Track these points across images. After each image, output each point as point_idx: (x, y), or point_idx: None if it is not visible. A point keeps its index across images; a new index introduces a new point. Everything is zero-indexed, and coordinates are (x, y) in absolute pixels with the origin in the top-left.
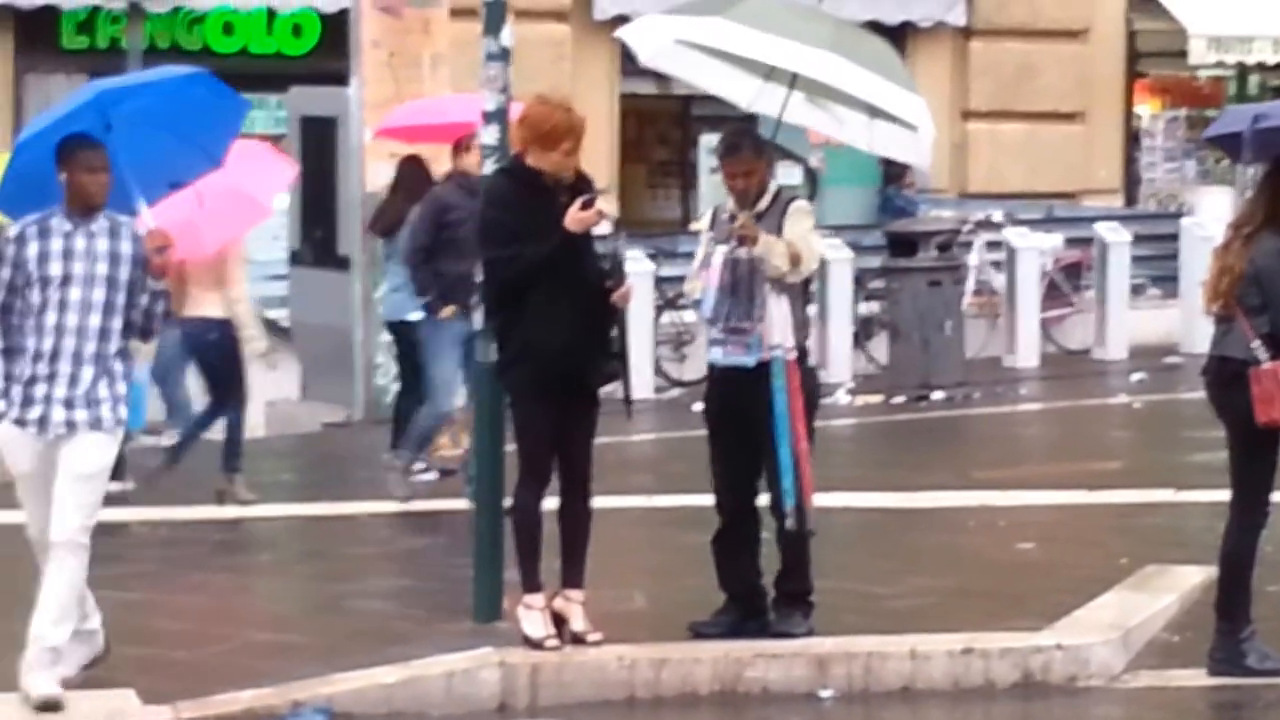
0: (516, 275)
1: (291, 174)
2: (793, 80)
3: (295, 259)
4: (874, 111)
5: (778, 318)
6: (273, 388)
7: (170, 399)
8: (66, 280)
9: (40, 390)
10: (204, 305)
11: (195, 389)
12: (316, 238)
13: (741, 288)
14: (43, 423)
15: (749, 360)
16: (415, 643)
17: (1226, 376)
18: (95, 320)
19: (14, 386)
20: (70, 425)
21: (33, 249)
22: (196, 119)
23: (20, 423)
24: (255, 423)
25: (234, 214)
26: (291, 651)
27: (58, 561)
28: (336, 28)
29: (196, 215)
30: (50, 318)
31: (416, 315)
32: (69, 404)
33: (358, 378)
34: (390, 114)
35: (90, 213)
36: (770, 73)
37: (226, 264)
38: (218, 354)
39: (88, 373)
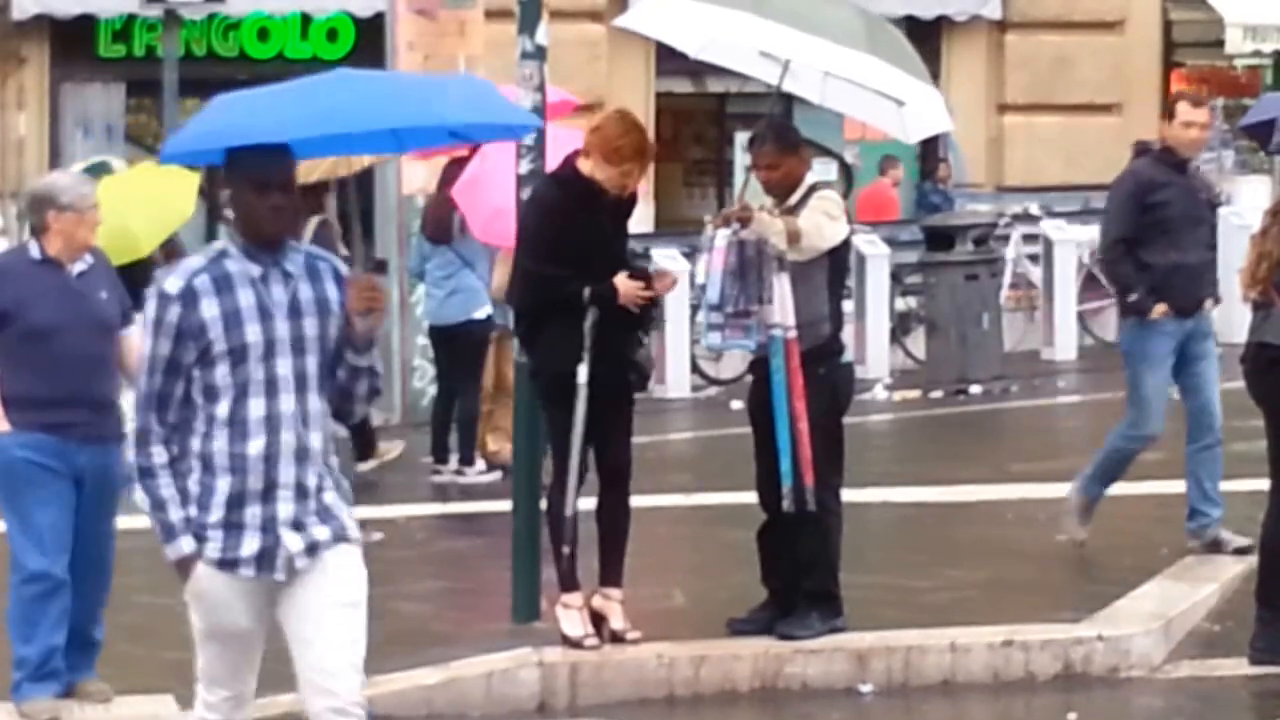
0: (549, 298)
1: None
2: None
3: None
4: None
5: (779, 298)
6: None
7: None
8: (271, 350)
9: (254, 514)
10: None
11: None
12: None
13: (750, 271)
14: (266, 559)
15: (749, 343)
16: (454, 644)
17: (1264, 363)
18: (314, 402)
19: (205, 514)
20: (311, 550)
21: (211, 308)
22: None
23: (229, 564)
24: None
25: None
26: None
27: None
28: (371, 31)
29: (478, 170)
30: (255, 407)
31: (485, 312)
32: (299, 524)
33: (395, 381)
34: None
35: (276, 246)
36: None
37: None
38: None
39: (314, 477)
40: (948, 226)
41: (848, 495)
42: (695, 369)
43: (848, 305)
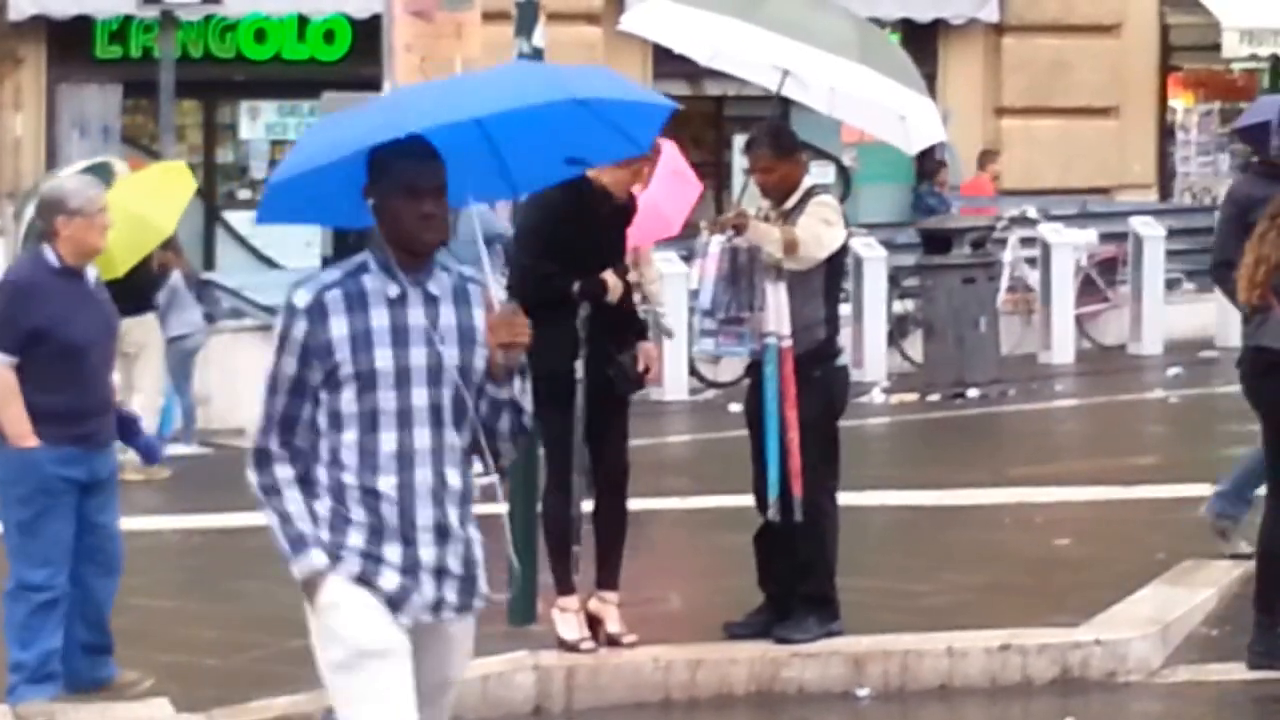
0: (545, 295)
1: (697, 194)
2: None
3: (328, 265)
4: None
5: (772, 305)
6: None
7: (185, 407)
8: (404, 378)
9: (395, 553)
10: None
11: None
12: (350, 243)
13: (742, 277)
14: (400, 599)
15: (742, 350)
16: None
17: (1262, 367)
18: (453, 437)
19: (341, 537)
20: (437, 609)
21: (340, 327)
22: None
23: (366, 582)
24: None
25: (645, 225)
26: None
27: None
28: (368, 33)
29: (655, 198)
30: (387, 440)
31: None
32: (441, 570)
33: None
34: None
35: (422, 261)
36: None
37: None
38: None
39: (455, 518)
40: (945, 229)
41: (845, 498)
42: (693, 372)
43: (845, 308)
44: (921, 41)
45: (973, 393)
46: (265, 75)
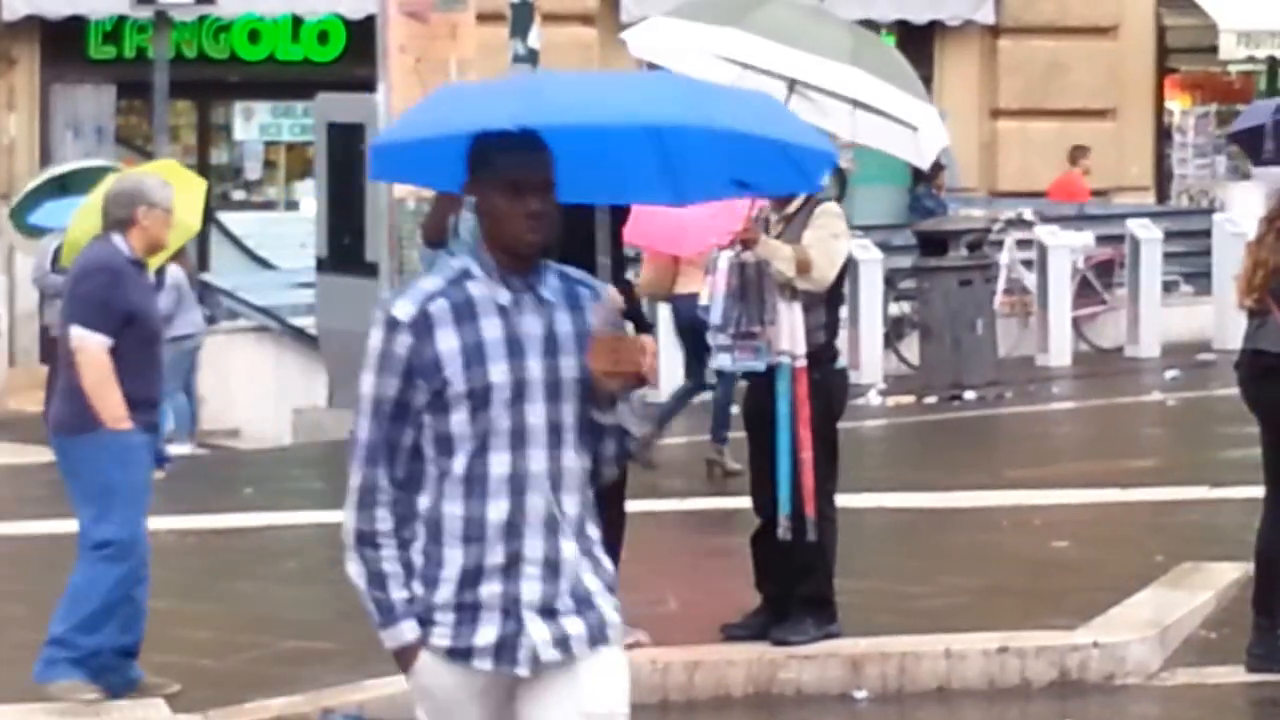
0: None
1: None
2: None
3: (322, 266)
4: (858, 103)
5: (786, 324)
6: (300, 395)
7: (185, 407)
8: (520, 393)
9: (493, 593)
10: (694, 282)
11: None
12: (344, 244)
13: (750, 292)
14: (506, 649)
15: (759, 364)
16: None
17: (1260, 370)
18: (571, 459)
19: (432, 591)
20: (562, 646)
21: (448, 340)
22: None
23: (461, 654)
24: (282, 430)
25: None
26: (322, 659)
27: None
28: (362, 34)
29: (684, 214)
30: (497, 463)
31: None
32: (549, 611)
33: None
34: None
35: (528, 265)
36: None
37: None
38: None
39: (570, 550)
40: (941, 231)
41: (842, 501)
42: None
43: (841, 311)
44: (917, 43)
45: (969, 395)
46: (259, 76)
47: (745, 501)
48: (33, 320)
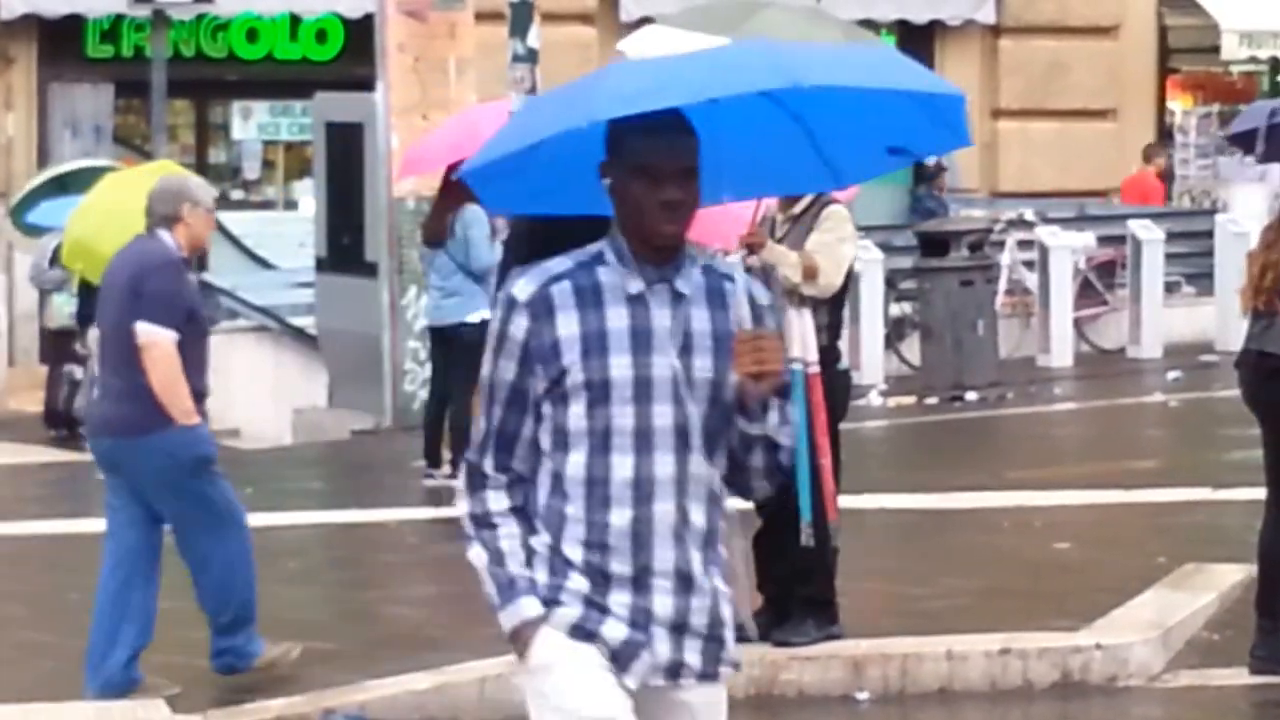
0: None
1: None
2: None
3: (322, 265)
4: None
5: (796, 330)
6: (300, 395)
7: None
8: (645, 392)
9: (623, 603)
10: None
11: None
12: (343, 244)
13: None
14: (626, 654)
15: None
16: (447, 649)
17: (1265, 371)
18: (701, 465)
19: (560, 579)
20: (672, 674)
21: (569, 325)
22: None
23: (585, 634)
24: (282, 430)
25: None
26: (323, 659)
27: None
28: (361, 33)
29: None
30: (620, 465)
31: (480, 315)
32: (681, 626)
33: (386, 384)
34: (423, 143)
35: (666, 255)
36: None
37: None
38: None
39: (698, 564)
40: (943, 232)
41: (843, 502)
42: None
43: (843, 311)
44: (918, 43)
45: (971, 396)
46: (257, 75)
47: (745, 502)
48: (32, 320)
